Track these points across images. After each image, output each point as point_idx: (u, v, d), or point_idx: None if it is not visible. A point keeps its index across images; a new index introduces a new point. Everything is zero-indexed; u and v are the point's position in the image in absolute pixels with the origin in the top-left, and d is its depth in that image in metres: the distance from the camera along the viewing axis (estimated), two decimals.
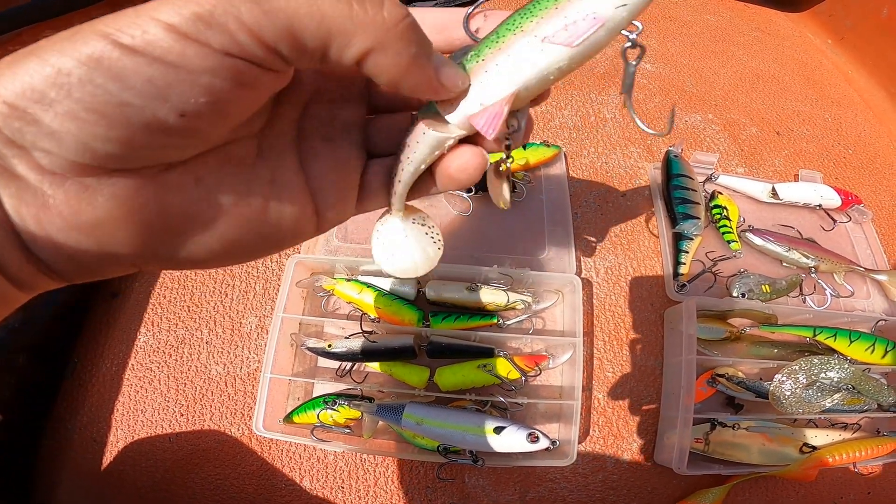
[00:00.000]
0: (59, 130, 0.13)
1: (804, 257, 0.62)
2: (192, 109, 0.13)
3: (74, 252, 0.15)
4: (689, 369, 0.51)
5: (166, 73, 0.13)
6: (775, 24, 0.97)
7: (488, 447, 0.48)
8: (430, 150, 0.18)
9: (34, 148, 0.13)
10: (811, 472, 0.50)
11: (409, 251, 0.21)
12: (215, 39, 0.13)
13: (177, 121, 0.13)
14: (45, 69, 0.13)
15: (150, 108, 0.13)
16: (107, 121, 0.13)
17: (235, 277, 0.60)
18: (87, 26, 0.13)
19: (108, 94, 0.13)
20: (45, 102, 0.13)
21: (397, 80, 0.15)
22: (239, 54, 0.13)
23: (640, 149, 0.73)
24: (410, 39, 0.14)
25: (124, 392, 0.55)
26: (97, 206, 0.14)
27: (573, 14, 0.15)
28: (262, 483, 0.53)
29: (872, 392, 0.52)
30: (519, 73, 0.16)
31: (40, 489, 0.52)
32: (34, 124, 0.13)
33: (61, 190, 0.14)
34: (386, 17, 0.14)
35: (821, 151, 0.77)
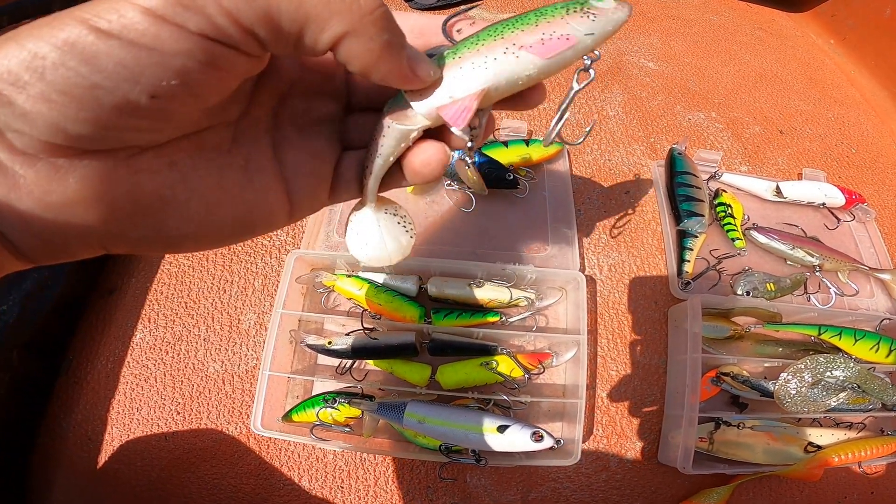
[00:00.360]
0: (31, 112, 0.13)
1: (808, 256, 0.62)
2: (164, 92, 0.14)
3: (42, 231, 0.15)
4: (693, 368, 0.51)
5: (138, 56, 0.13)
6: (778, 23, 0.98)
7: (491, 446, 0.47)
8: (396, 142, 0.19)
9: (7, 129, 0.14)
10: (816, 471, 0.50)
11: (381, 241, 0.22)
12: (192, 22, 0.13)
13: (147, 102, 0.14)
14: (22, 53, 0.13)
15: (120, 90, 0.13)
16: (77, 102, 0.13)
17: (234, 273, 0.59)
18: (66, 13, 0.13)
19: (79, 77, 0.13)
20: (18, 85, 0.13)
21: (370, 67, 0.16)
22: (215, 37, 0.14)
23: (644, 146, 0.73)
24: (384, 27, 0.15)
25: (120, 390, 0.55)
26: (67, 187, 0.15)
27: (550, 32, 0.18)
28: (260, 482, 0.52)
29: (877, 391, 0.52)
30: (492, 73, 0.18)
31: (34, 488, 0.52)
32: (7, 106, 0.13)
33: (32, 170, 0.14)
34: (361, 4, 0.14)
35: (824, 150, 0.77)
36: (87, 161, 0.15)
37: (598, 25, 0.18)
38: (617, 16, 0.18)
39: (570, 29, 0.18)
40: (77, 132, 0.14)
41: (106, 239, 0.17)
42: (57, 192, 0.15)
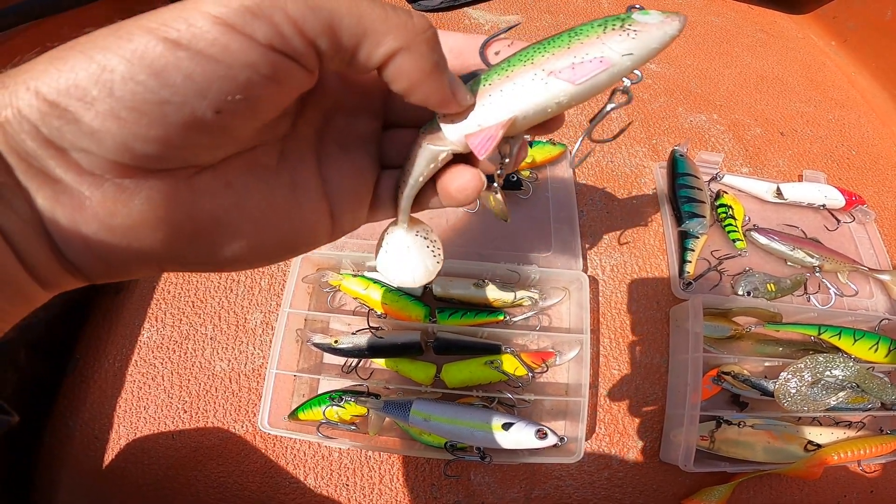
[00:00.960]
0: (99, 130, 0.13)
1: (808, 256, 0.63)
2: (228, 107, 0.14)
3: (105, 253, 0.15)
4: (695, 367, 0.52)
5: (206, 68, 0.13)
6: (779, 25, 0.99)
7: (496, 444, 0.48)
8: (427, 162, 0.19)
9: (73, 148, 0.13)
10: (816, 470, 0.51)
11: (410, 264, 0.22)
12: (261, 31, 0.13)
13: (213, 118, 0.14)
14: (90, 66, 0.13)
15: (188, 106, 0.13)
16: (146, 119, 0.13)
17: (240, 273, 0.60)
18: (131, 22, 0.13)
19: (149, 92, 0.13)
20: (86, 100, 0.13)
21: (414, 86, 0.16)
22: (281, 48, 0.14)
23: (646, 148, 0.74)
24: (434, 47, 0.15)
25: (127, 389, 0.56)
26: (133, 209, 0.15)
27: (582, 55, 0.17)
28: (266, 481, 0.53)
29: (876, 390, 0.54)
30: (519, 102, 0.17)
31: (41, 486, 0.53)
32: (74, 123, 0.13)
33: (99, 191, 0.14)
34: (416, 23, 0.15)
35: (824, 152, 0.78)
36: (153, 182, 0.15)
37: (640, 44, 0.16)
38: (664, 31, 0.16)
39: (605, 50, 0.16)
40: (144, 151, 0.14)
41: (164, 260, 0.17)
42: (122, 215, 0.15)
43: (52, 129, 0.13)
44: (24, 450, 0.54)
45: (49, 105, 0.13)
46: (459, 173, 0.20)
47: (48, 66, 0.13)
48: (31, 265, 0.15)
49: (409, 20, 0.15)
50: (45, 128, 0.13)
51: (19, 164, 0.14)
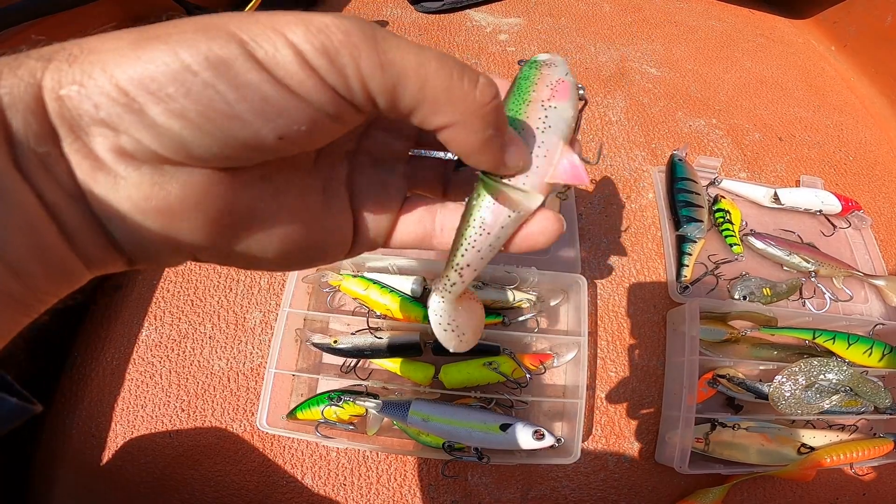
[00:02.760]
0: (160, 126, 0.13)
1: (804, 261, 0.65)
2: (291, 135, 0.14)
3: (138, 236, 0.15)
4: (691, 370, 0.53)
5: (282, 97, 0.13)
6: (780, 30, 1.01)
7: (494, 444, 0.50)
8: (516, 226, 0.19)
9: (125, 132, 0.13)
10: (809, 472, 0.53)
11: (463, 333, 0.22)
12: (331, 78, 0.14)
13: (273, 142, 0.14)
14: (173, 62, 0.13)
15: (254, 126, 0.14)
16: (212, 127, 0.13)
17: (240, 272, 0.62)
18: (219, 22, 0.13)
19: (225, 104, 0.13)
20: (159, 96, 0.13)
21: (467, 154, 0.16)
22: (344, 95, 0.14)
23: (645, 152, 0.76)
24: (489, 122, 0.15)
25: (125, 387, 0.57)
26: (169, 193, 0.15)
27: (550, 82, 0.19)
28: (264, 480, 0.54)
29: (870, 394, 0.55)
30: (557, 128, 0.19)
31: (38, 484, 0.54)
32: (137, 114, 0.13)
33: (136, 173, 0.14)
34: (476, 97, 0.15)
35: (822, 157, 0.80)
36: (191, 170, 0.15)
37: (563, 68, 0.20)
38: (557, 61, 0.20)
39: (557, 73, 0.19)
40: (198, 154, 0.14)
41: (197, 248, 0.17)
42: (158, 198, 0.14)
43: (112, 114, 0.13)
44: (21, 448, 0.54)
45: (120, 92, 0.13)
46: (542, 216, 0.19)
47: (128, 51, 0.13)
48: (74, 240, 0.14)
49: (471, 94, 0.15)
50: (105, 111, 0.13)
51: (67, 136, 0.13)
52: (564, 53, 0.87)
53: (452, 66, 0.15)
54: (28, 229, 0.13)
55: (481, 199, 0.18)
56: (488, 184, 0.18)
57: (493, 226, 0.18)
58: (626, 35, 0.92)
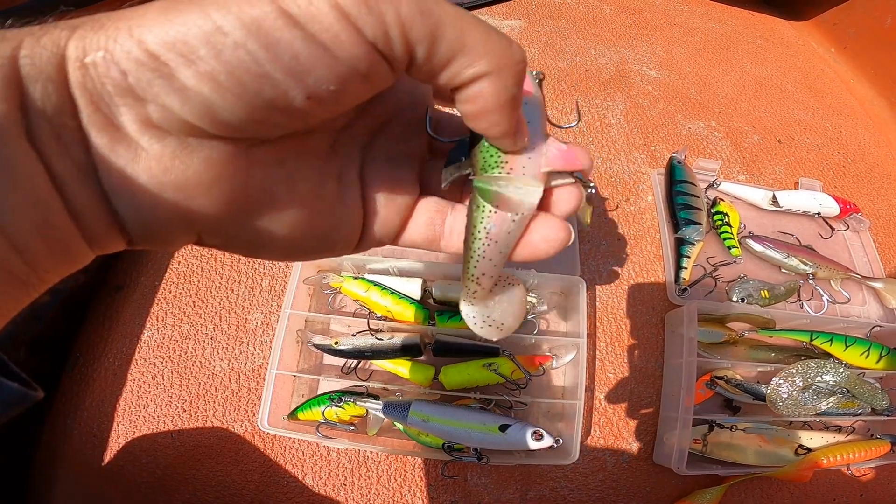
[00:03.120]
0: (190, 89, 0.13)
1: (802, 264, 0.65)
2: (319, 94, 0.14)
3: (149, 211, 0.15)
4: (689, 371, 0.54)
5: (313, 53, 0.13)
6: (779, 32, 1.02)
7: (494, 445, 0.50)
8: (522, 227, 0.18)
9: (154, 100, 0.13)
10: (806, 473, 0.53)
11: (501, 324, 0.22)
12: (370, 28, 0.13)
13: (302, 103, 0.14)
14: (205, 23, 0.12)
15: (284, 85, 0.13)
16: (241, 89, 0.13)
17: (242, 273, 0.62)
18: None
19: (255, 64, 0.13)
20: (190, 58, 0.12)
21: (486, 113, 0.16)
22: (382, 49, 0.14)
23: (644, 154, 0.76)
24: (518, 82, 0.15)
25: (127, 387, 0.57)
26: (188, 167, 0.14)
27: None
28: (264, 480, 0.55)
29: (867, 396, 0.56)
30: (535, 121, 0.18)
31: (38, 484, 0.54)
32: (167, 78, 0.13)
33: (159, 145, 0.14)
34: (513, 52, 0.15)
35: (821, 160, 0.81)
36: (214, 143, 0.14)
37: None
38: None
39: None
40: (225, 120, 0.14)
41: (207, 230, 0.16)
42: (177, 172, 0.14)
43: (140, 79, 0.13)
44: (21, 448, 0.55)
45: (149, 56, 0.13)
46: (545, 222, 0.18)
47: (159, 16, 0.13)
48: (79, 217, 0.14)
49: (509, 48, 0.15)
50: (134, 77, 0.13)
51: (87, 108, 0.13)
52: (564, 55, 0.88)
53: (485, 22, 0.15)
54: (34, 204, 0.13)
55: (482, 210, 0.18)
56: (485, 190, 0.18)
57: (498, 234, 0.18)
58: (625, 37, 0.92)
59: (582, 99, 0.81)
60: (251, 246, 0.18)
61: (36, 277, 0.14)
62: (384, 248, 0.62)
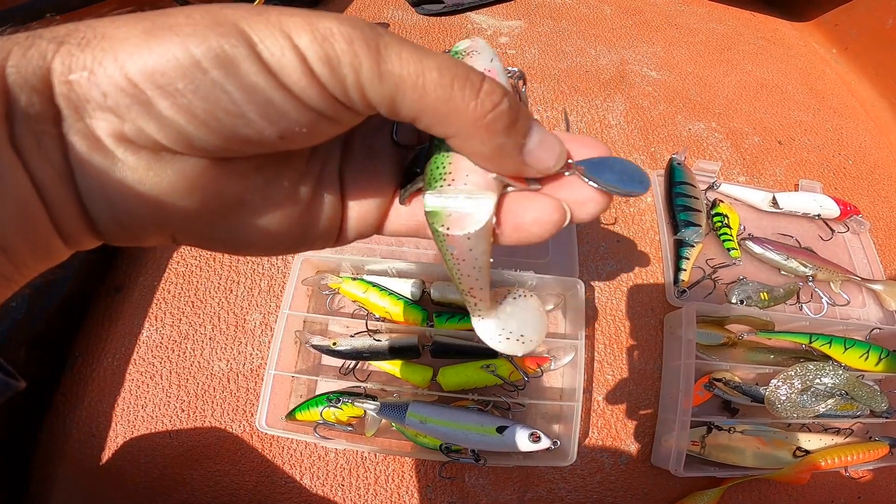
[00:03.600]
0: (166, 118, 0.13)
1: (802, 266, 0.66)
2: (291, 136, 0.15)
3: (124, 216, 0.16)
4: (687, 373, 0.54)
5: (285, 101, 0.14)
6: (781, 33, 1.02)
7: (491, 446, 0.51)
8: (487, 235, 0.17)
9: (129, 121, 0.14)
10: (804, 475, 0.54)
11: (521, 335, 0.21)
12: (331, 85, 0.14)
13: (275, 141, 0.15)
14: (184, 57, 0.13)
15: (258, 126, 0.14)
16: (217, 124, 0.14)
17: (240, 274, 0.63)
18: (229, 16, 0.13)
19: (233, 104, 0.13)
20: (168, 90, 0.13)
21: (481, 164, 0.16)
22: (344, 102, 0.14)
23: (644, 156, 0.77)
24: (495, 131, 0.15)
25: (125, 387, 0.58)
26: (163, 179, 0.15)
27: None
28: (262, 480, 0.56)
29: (865, 398, 0.56)
30: None
31: (36, 484, 0.54)
32: (144, 105, 0.13)
33: (133, 157, 0.14)
34: (475, 109, 0.14)
35: (821, 161, 0.81)
36: (188, 158, 0.15)
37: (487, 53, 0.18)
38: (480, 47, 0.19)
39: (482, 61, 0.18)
40: (200, 147, 0.14)
41: (180, 232, 0.17)
42: (151, 182, 0.15)
43: (120, 104, 0.13)
44: (21, 447, 0.55)
45: (129, 83, 0.13)
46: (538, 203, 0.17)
47: (140, 42, 0.13)
48: (57, 218, 0.15)
49: (470, 104, 0.14)
50: (113, 100, 0.13)
51: (70, 117, 0.14)
52: (564, 56, 0.88)
53: (455, 74, 0.14)
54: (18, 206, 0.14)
55: (437, 236, 0.17)
56: (434, 211, 0.17)
57: (461, 253, 0.17)
58: (626, 38, 0.93)
59: (582, 100, 0.82)
60: (227, 245, 0.19)
61: (17, 273, 0.15)
62: (383, 250, 0.63)
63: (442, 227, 0.17)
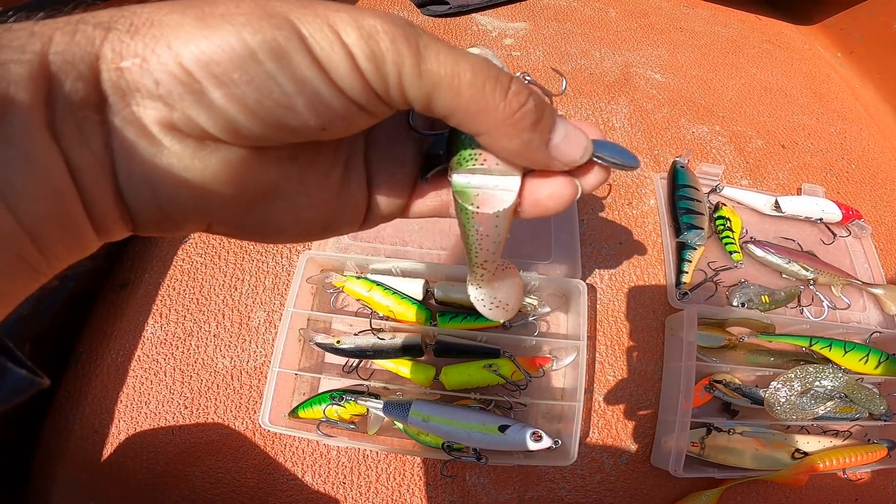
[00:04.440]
0: (218, 108, 0.14)
1: (803, 269, 0.68)
2: (333, 127, 0.16)
3: (167, 203, 0.16)
4: (688, 375, 0.56)
5: (332, 94, 0.15)
6: (786, 36, 1.04)
7: (493, 445, 0.52)
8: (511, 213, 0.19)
9: (180, 110, 0.14)
10: (802, 476, 0.55)
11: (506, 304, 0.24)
12: (374, 81, 0.15)
13: (317, 132, 0.16)
14: (240, 47, 0.13)
15: (305, 117, 0.15)
16: (267, 114, 0.14)
17: (245, 272, 0.64)
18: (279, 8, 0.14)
19: (284, 96, 0.14)
20: (222, 80, 0.13)
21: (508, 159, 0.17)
22: (384, 99, 0.15)
23: (647, 158, 0.79)
24: (522, 128, 0.16)
25: (129, 383, 0.59)
26: (207, 167, 0.16)
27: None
28: (264, 477, 0.57)
29: (864, 401, 0.58)
30: None
31: (37, 479, 0.56)
32: (197, 94, 0.14)
33: (180, 146, 0.15)
34: (504, 108, 0.15)
35: (824, 165, 0.83)
36: (231, 147, 0.16)
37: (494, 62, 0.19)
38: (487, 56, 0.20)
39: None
40: (245, 135, 0.15)
41: (217, 220, 0.18)
42: (196, 170, 0.16)
43: (172, 92, 0.14)
44: (23, 442, 0.56)
45: (183, 72, 0.13)
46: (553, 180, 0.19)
47: (194, 29, 0.13)
48: (91, 205, 0.15)
49: (500, 104, 0.15)
50: (165, 88, 0.14)
51: (118, 104, 0.14)
52: (569, 58, 0.90)
53: (487, 76, 0.15)
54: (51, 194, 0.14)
55: (466, 213, 0.19)
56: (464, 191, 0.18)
57: (487, 229, 0.19)
58: (631, 41, 0.95)
59: (586, 102, 0.84)
60: (259, 233, 0.19)
61: (46, 265, 0.15)
62: (387, 249, 0.64)
63: (471, 206, 0.18)
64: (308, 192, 0.19)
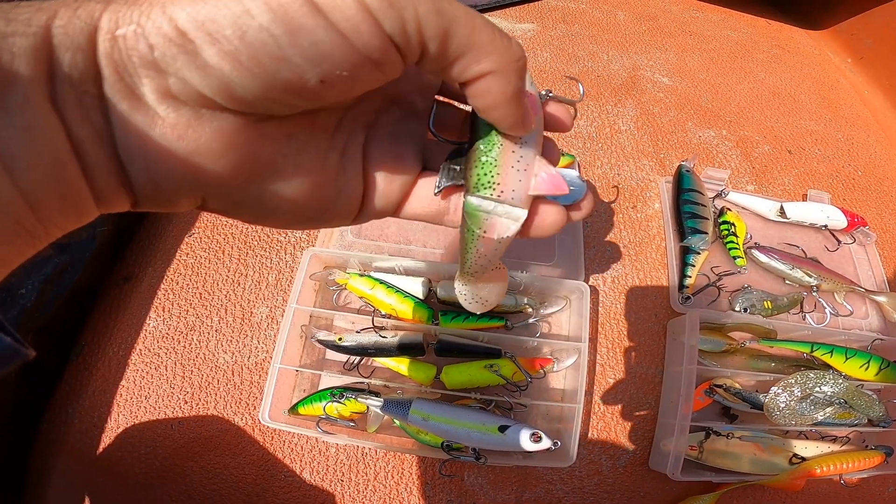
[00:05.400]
0: (212, 67, 0.14)
1: (807, 276, 0.69)
2: (333, 80, 0.16)
3: (160, 174, 0.17)
4: (689, 379, 0.58)
5: (333, 42, 0.15)
6: (796, 41, 1.06)
7: (492, 445, 0.54)
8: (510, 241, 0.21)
9: (175, 74, 0.14)
10: (799, 481, 0.57)
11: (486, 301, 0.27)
12: (388, 22, 0.15)
13: (315, 86, 0.15)
14: (235, 5, 0.14)
15: (300, 69, 0.15)
16: (259, 70, 0.14)
17: (249, 267, 0.66)
18: None
19: (277, 47, 0.14)
20: (215, 37, 0.14)
21: (494, 106, 0.18)
22: (398, 42, 0.15)
23: (653, 162, 0.80)
24: (521, 76, 0.17)
25: (129, 377, 0.61)
26: (201, 136, 0.16)
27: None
28: (262, 473, 0.58)
29: (864, 407, 0.60)
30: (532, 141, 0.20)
31: (35, 472, 0.57)
32: (191, 54, 0.14)
33: (175, 114, 0.15)
34: (514, 50, 0.17)
35: (831, 172, 0.85)
36: (226, 115, 0.16)
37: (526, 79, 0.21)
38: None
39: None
40: (240, 96, 0.15)
41: (212, 195, 0.18)
42: (190, 139, 0.16)
43: (166, 55, 0.14)
44: (19, 437, 0.57)
45: (177, 32, 0.14)
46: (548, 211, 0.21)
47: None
48: (92, 177, 0.16)
49: (511, 46, 0.17)
50: (160, 51, 0.14)
51: (111, 76, 0.15)
52: (576, 60, 0.92)
53: (491, 23, 0.16)
54: (52, 163, 0.15)
55: (472, 233, 0.21)
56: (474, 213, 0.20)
57: (487, 251, 0.21)
58: (639, 44, 0.97)
59: (593, 104, 0.86)
60: (253, 212, 0.20)
61: (44, 232, 0.16)
62: (391, 247, 0.66)
63: (479, 230, 0.20)
64: (304, 174, 0.20)
